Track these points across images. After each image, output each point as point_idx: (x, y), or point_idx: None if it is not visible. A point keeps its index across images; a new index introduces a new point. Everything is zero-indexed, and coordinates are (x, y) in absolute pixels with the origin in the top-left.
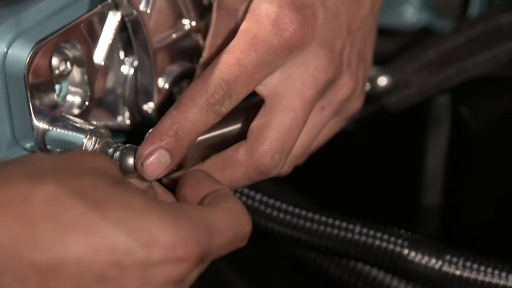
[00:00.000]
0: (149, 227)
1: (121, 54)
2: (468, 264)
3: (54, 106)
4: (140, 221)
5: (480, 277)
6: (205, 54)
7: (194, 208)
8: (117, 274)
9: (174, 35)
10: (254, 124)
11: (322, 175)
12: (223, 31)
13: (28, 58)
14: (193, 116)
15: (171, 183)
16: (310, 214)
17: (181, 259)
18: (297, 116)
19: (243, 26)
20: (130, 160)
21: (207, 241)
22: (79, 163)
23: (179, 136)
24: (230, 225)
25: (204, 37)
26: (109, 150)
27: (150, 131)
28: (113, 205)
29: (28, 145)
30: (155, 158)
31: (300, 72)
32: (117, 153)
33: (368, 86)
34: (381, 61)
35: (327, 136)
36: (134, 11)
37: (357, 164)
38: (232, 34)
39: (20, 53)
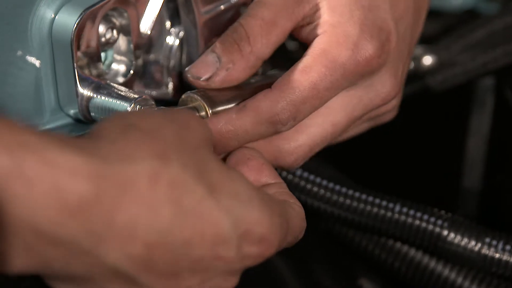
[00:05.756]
0: (250, 218)
1: (167, 25)
2: (508, 247)
3: (99, 73)
4: (244, 212)
5: None
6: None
7: (282, 204)
8: (212, 262)
9: (221, 7)
10: None
11: (362, 154)
12: (274, 5)
13: (75, 25)
14: (250, 127)
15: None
16: (350, 192)
17: (261, 254)
18: (335, 131)
19: (321, 44)
20: None
21: (283, 241)
22: (191, 132)
23: (225, 138)
24: (298, 228)
25: None
26: None
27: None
28: (225, 191)
29: (72, 111)
30: None
31: (360, 93)
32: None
33: (412, 65)
34: (427, 42)
35: (351, 136)
36: None
37: (398, 143)
38: (282, 12)
39: (68, 20)
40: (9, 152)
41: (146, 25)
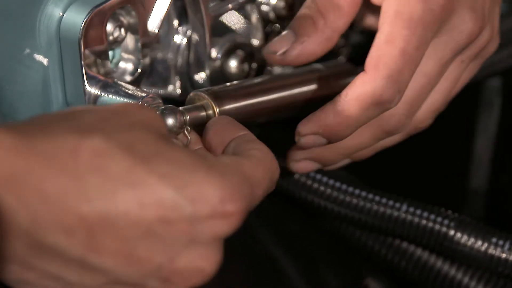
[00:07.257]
0: (197, 182)
1: (175, 23)
2: None
3: (107, 72)
4: (188, 177)
5: None
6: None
7: (235, 162)
8: (165, 229)
9: (229, 6)
10: None
11: None
12: None
13: (83, 23)
14: (358, 115)
15: None
16: (357, 191)
17: (229, 214)
18: (429, 80)
19: (392, 6)
20: (170, 120)
21: (251, 195)
22: (126, 117)
23: (338, 130)
24: (267, 174)
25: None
26: None
27: (313, 114)
28: (160, 160)
29: None
30: (310, 139)
31: (444, 38)
32: (157, 113)
33: None
34: None
35: (466, 81)
36: None
37: (404, 142)
38: None
39: (76, 18)
40: None
41: (154, 23)
